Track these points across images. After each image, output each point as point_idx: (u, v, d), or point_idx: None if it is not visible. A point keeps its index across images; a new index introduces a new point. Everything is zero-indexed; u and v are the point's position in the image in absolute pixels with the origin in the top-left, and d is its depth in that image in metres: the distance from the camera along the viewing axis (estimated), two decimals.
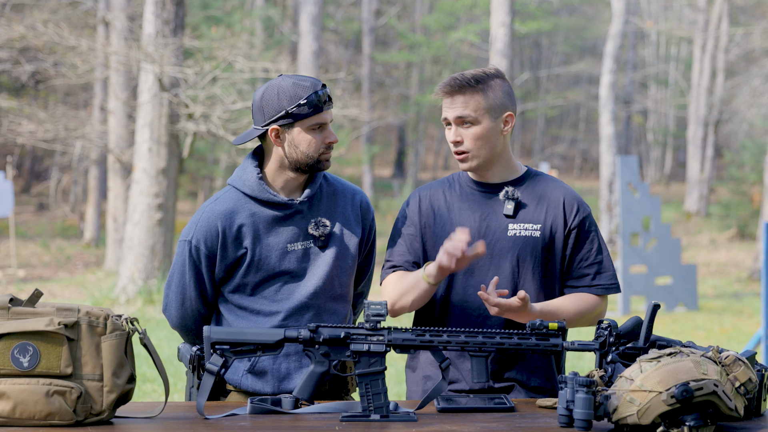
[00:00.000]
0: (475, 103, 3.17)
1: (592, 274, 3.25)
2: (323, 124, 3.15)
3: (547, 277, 3.24)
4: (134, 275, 13.70)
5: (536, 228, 3.21)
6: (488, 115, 3.18)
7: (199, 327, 3.23)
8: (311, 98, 3.10)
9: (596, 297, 3.25)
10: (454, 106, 3.17)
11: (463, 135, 3.18)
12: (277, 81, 3.16)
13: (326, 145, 3.17)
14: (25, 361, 2.57)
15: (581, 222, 3.25)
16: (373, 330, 2.77)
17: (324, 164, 3.19)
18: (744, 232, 23.47)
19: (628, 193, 13.89)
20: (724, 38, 28.09)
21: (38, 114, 17.33)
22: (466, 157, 3.21)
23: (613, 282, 3.27)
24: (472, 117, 3.16)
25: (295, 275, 3.23)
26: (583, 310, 3.21)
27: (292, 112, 3.11)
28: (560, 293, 3.27)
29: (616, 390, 2.53)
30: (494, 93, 3.19)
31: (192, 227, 3.23)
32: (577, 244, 3.25)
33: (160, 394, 7.75)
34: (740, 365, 2.59)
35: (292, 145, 3.15)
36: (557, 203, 3.25)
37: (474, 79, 3.16)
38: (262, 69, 15.19)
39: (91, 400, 2.61)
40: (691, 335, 11.75)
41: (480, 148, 3.19)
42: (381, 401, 2.72)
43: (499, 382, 3.20)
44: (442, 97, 3.21)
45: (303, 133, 3.13)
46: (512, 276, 3.20)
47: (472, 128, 3.18)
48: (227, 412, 2.78)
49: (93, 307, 2.67)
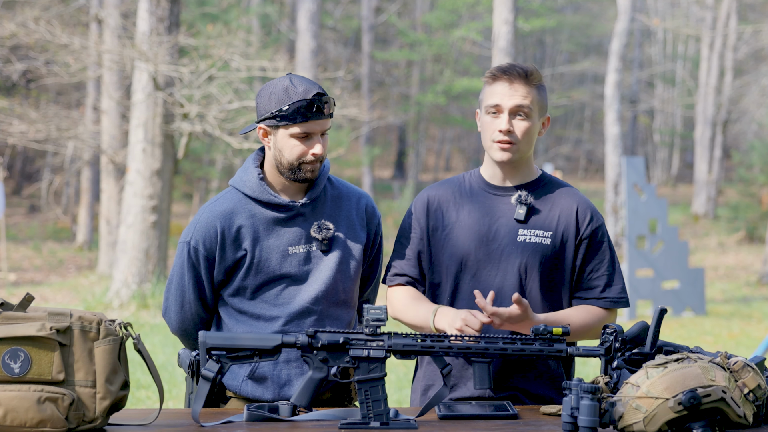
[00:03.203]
0: (533, 97, 3.16)
1: (601, 286, 3.22)
2: (309, 134, 3.12)
3: (554, 286, 3.21)
4: (128, 279, 13.66)
5: (547, 235, 3.19)
6: (538, 113, 3.19)
7: (199, 331, 3.20)
8: (297, 105, 3.08)
9: (604, 310, 3.22)
10: (514, 94, 3.15)
11: (515, 126, 3.16)
12: (277, 80, 3.17)
13: (313, 156, 3.13)
14: (16, 367, 2.56)
15: (593, 232, 3.22)
16: (373, 335, 2.75)
17: (306, 174, 3.16)
18: (753, 235, 23.59)
19: (634, 194, 13.88)
20: (733, 36, 28.18)
21: (30, 114, 17.28)
22: (513, 149, 3.17)
23: (623, 296, 3.23)
24: (528, 110, 3.15)
25: (296, 279, 3.21)
26: (590, 323, 3.17)
27: (276, 114, 3.11)
28: (569, 304, 3.24)
29: (621, 397, 2.53)
30: (544, 93, 3.22)
31: (191, 228, 3.23)
32: (588, 255, 3.22)
33: (154, 401, 7.75)
34: (749, 371, 2.57)
35: (276, 147, 3.16)
36: (570, 211, 3.22)
37: (537, 73, 3.20)
38: (259, 68, 15.27)
39: (83, 407, 2.60)
40: (698, 340, 11.69)
41: (526, 143, 3.18)
42: (381, 408, 2.70)
43: (501, 392, 3.17)
44: (496, 82, 3.17)
45: (287, 138, 3.13)
46: (519, 282, 3.17)
47: (525, 121, 3.17)
48: (223, 419, 2.78)
49: (86, 312, 2.67)
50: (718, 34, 27.79)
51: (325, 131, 3.16)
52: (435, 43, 28.85)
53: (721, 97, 28.45)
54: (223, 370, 2.75)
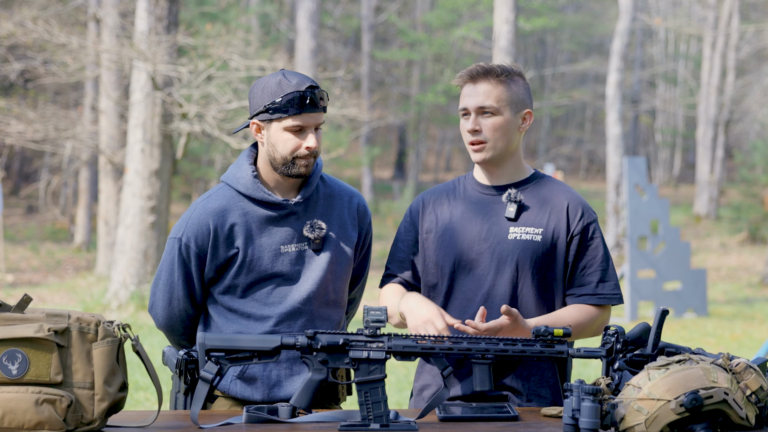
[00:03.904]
0: (498, 93, 3.16)
1: (594, 282, 3.21)
2: (303, 127, 3.11)
3: (547, 284, 3.20)
4: (126, 280, 13.64)
5: (538, 232, 3.19)
6: (509, 107, 3.17)
7: (186, 328, 3.27)
8: (290, 97, 3.07)
9: (596, 308, 3.21)
10: (477, 93, 3.17)
11: (482, 124, 3.17)
12: (270, 75, 3.17)
13: (307, 149, 3.12)
14: (13, 368, 2.55)
15: (585, 228, 3.21)
16: (373, 336, 2.75)
17: (300, 170, 3.14)
18: (755, 236, 23.58)
19: (635, 195, 13.87)
20: (735, 35, 28.26)
21: (27, 114, 17.29)
22: (483, 147, 3.19)
23: (616, 292, 3.22)
24: (494, 107, 3.15)
25: (288, 278, 3.20)
26: (584, 322, 3.17)
27: (269, 107, 3.10)
28: (563, 301, 3.24)
29: (623, 398, 2.54)
30: (517, 87, 3.19)
31: (183, 224, 3.21)
32: (579, 251, 3.21)
33: (153, 403, 7.72)
34: (751, 373, 2.57)
35: (270, 142, 3.15)
36: (561, 208, 3.22)
37: (500, 69, 3.17)
38: (258, 67, 15.22)
39: (81, 408, 2.60)
40: (700, 342, 11.64)
41: (497, 139, 3.17)
42: (381, 410, 2.70)
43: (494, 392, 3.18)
44: (464, 85, 3.20)
45: (280, 131, 3.12)
46: (512, 281, 3.17)
47: (492, 118, 3.17)
48: (222, 421, 2.77)
49: (84, 313, 2.66)
50: (720, 33, 27.84)
51: (318, 125, 3.14)
52: (435, 43, 28.95)
53: (723, 96, 28.52)
54: (222, 371, 2.74)
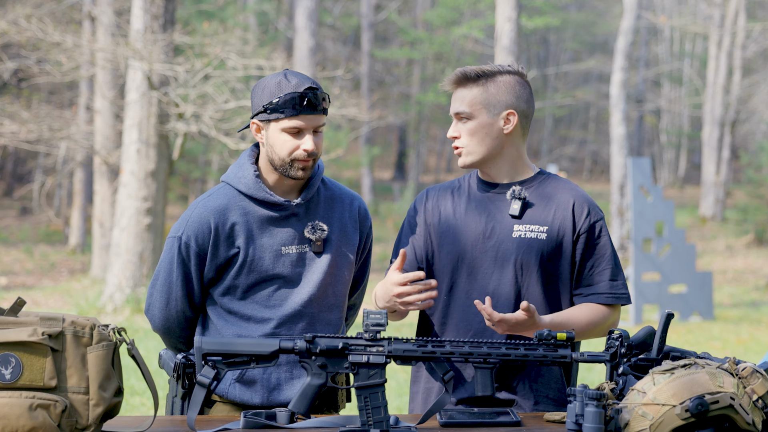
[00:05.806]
0: (472, 97, 3.16)
1: (603, 281, 3.20)
2: (301, 129, 3.11)
3: (552, 282, 3.19)
4: (122, 283, 13.64)
5: (543, 230, 3.17)
6: (485, 110, 3.16)
7: (183, 331, 3.26)
8: (288, 98, 3.08)
9: (607, 307, 3.20)
10: (454, 99, 3.20)
11: (460, 130, 3.20)
12: (272, 75, 3.18)
13: (305, 152, 3.11)
14: (7, 373, 2.54)
15: (591, 226, 3.20)
16: (373, 340, 2.74)
17: (297, 173, 3.14)
18: (762, 238, 23.54)
19: (640, 196, 13.85)
20: (741, 34, 28.23)
21: (21, 114, 17.33)
22: (461, 153, 3.21)
23: (625, 292, 3.21)
24: (467, 112, 3.17)
25: (288, 280, 3.20)
26: (595, 321, 3.16)
27: (267, 107, 3.11)
28: (569, 300, 3.22)
29: (627, 403, 2.54)
30: (496, 88, 3.16)
31: (183, 223, 3.21)
32: (587, 250, 3.19)
33: (149, 408, 7.77)
34: (758, 377, 2.57)
35: (268, 143, 3.16)
36: (566, 205, 3.20)
37: (475, 73, 3.16)
38: (256, 66, 15.26)
39: (76, 414, 2.60)
40: (706, 346, 11.62)
41: (475, 144, 3.18)
42: (381, 415, 2.69)
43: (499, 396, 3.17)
44: (451, 91, 3.23)
45: (278, 132, 3.12)
46: (515, 280, 3.16)
47: (468, 123, 3.18)
48: (219, 426, 2.77)
49: (78, 317, 2.66)
50: (727, 32, 27.88)
51: (318, 128, 3.13)
52: (436, 42, 29.02)
53: (729, 96, 28.52)
54: (219, 376, 2.74)
